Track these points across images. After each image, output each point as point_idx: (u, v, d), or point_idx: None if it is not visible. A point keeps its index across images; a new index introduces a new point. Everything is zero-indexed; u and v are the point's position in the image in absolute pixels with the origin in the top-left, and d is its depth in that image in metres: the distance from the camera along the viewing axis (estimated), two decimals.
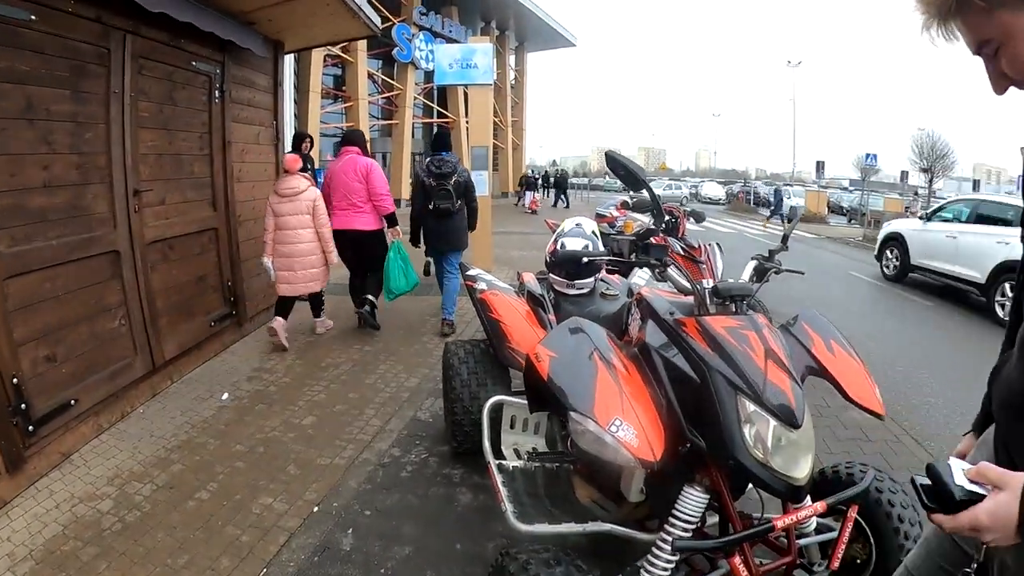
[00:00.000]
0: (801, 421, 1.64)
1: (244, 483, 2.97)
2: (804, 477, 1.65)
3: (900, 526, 2.02)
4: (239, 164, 5.08)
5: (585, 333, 1.93)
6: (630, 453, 1.60)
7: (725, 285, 1.98)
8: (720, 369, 1.69)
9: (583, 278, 2.97)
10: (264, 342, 5.02)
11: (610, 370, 1.77)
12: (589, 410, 1.66)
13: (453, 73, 8.72)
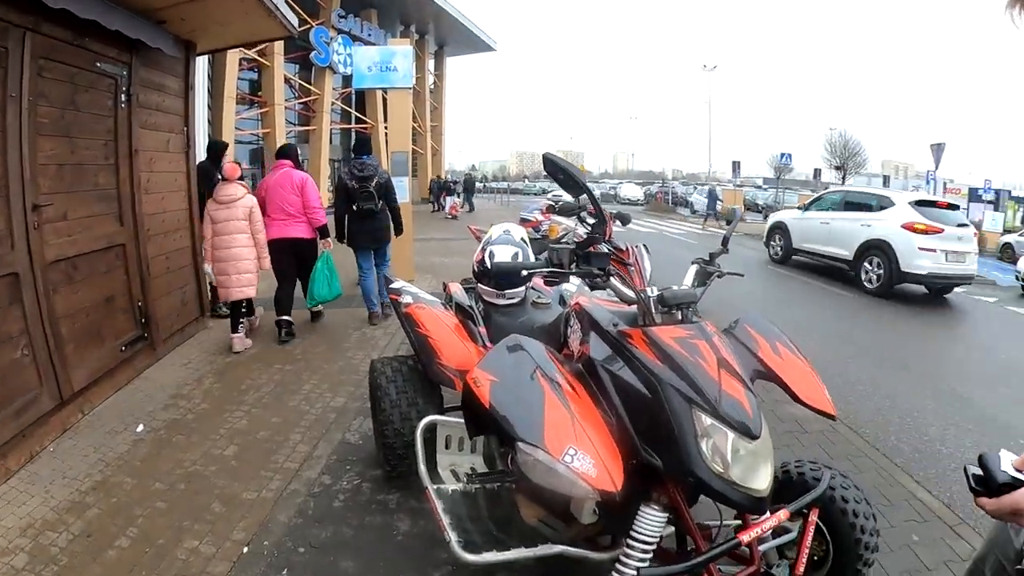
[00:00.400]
0: (759, 431, 1.62)
1: (166, 525, 2.74)
2: (765, 488, 1.63)
3: (856, 521, 2.02)
4: (147, 174, 4.74)
5: (525, 351, 1.82)
6: (588, 485, 1.52)
7: (671, 293, 1.92)
8: (672, 382, 1.64)
9: (513, 287, 2.87)
10: (180, 367, 4.73)
11: (557, 392, 1.67)
12: (539, 439, 1.56)
13: (372, 76, 8.49)
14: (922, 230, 9.39)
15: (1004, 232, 20.67)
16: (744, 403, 1.63)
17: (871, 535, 2.04)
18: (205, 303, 5.71)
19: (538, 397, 1.64)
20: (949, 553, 2.92)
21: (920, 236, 9.38)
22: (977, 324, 9.23)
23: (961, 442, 4.38)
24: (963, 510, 3.42)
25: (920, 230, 9.37)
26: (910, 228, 9.44)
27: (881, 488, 3.49)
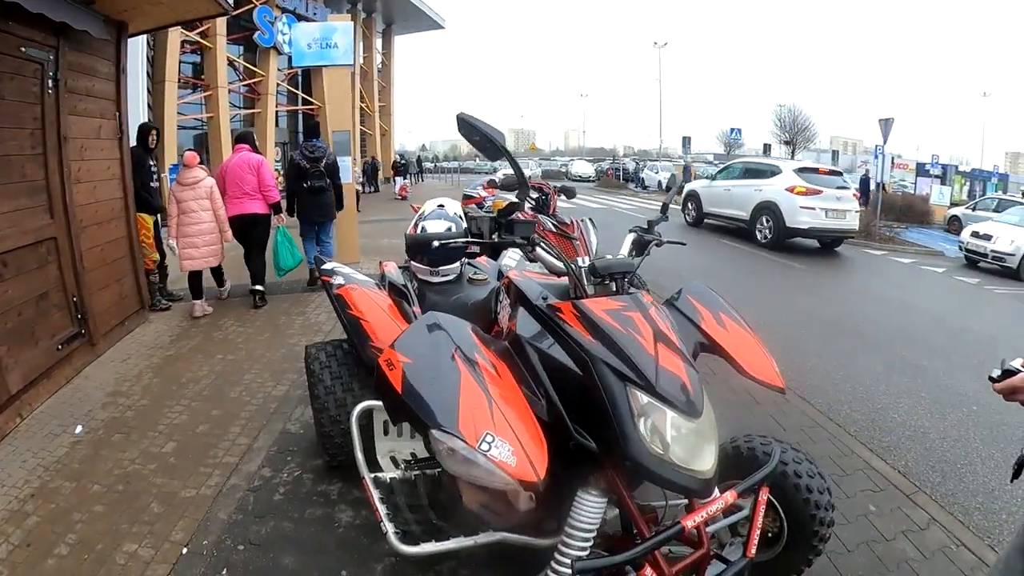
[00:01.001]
0: (701, 408, 1.54)
1: (105, 530, 2.64)
2: (709, 468, 1.54)
3: (809, 496, 1.95)
4: (78, 162, 4.53)
5: (443, 330, 1.66)
6: (507, 474, 1.38)
7: (603, 262, 1.82)
8: (605, 359, 1.53)
9: (447, 263, 2.75)
10: (119, 362, 4.57)
11: (475, 373, 1.52)
12: (453, 426, 1.40)
13: (312, 54, 8.23)
14: (802, 192, 11.19)
15: (951, 205, 21.31)
16: (684, 379, 1.54)
17: (826, 510, 1.98)
18: (144, 295, 5.53)
19: (454, 380, 1.49)
20: (906, 522, 2.93)
21: (801, 197, 11.19)
22: (926, 294, 9.54)
23: (914, 410, 4.46)
24: (919, 478, 3.47)
25: (801, 192, 11.17)
26: (792, 191, 11.25)
27: (836, 459, 3.49)
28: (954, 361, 5.68)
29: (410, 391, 1.50)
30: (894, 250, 14.16)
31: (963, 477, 3.57)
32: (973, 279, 11.02)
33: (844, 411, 4.33)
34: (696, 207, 14.37)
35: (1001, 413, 4.43)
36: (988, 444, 4.00)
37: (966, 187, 25.14)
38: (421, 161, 39.90)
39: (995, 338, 6.78)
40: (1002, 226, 12.50)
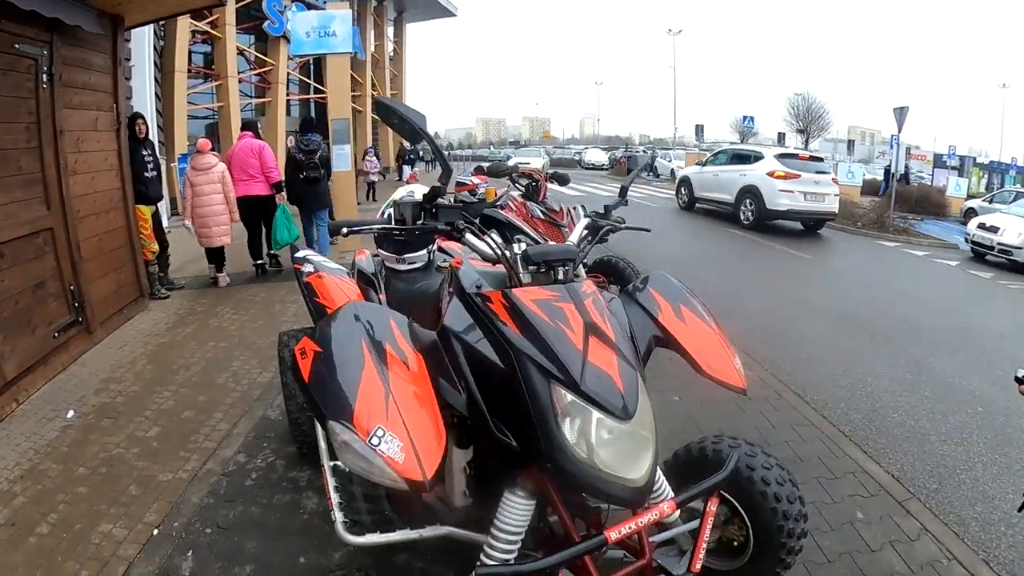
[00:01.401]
0: (633, 409, 1.41)
1: (85, 511, 2.73)
2: (642, 476, 1.42)
3: (777, 506, 1.82)
4: (75, 154, 4.62)
5: (360, 321, 1.57)
6: (394, 471, 1.30)
7: (539, 249, 1.70)
8: (529, 353, 1.43)
9: (412, 251, 2.69)
10: (116, 349, 4.67)
11: (379, 365, 1.44)
12: (348, 418, 1.34)
13: (310, 42, 8.20)
14: (782, 176, 11.94)
15: (968, 198, 20.92)
16: (614, 376, 1.42)
17: (795, 520, 1.85)
18: (144, 284, 5.63)
19: (356, 372, 1.41)
20: (895, 532, 2.79)
21: (780, 181, 11.93)
22: (938, 287, 9.38)
23: (916, 410, 4.29)
24: (913, 484, 3.30)
25: (780, 176, 11.94)
26: (772, 175, 12.02)
27: (826, 460, 3.37)
28: (962, 359, 5.53)
29: (315, 381, 1.45)
30: (908, 242, 13.97)
31: (962, 484, 3.39)
32: (987, 273, 10.80)
33: (841, 409, 4.19)
34: (688, 192, 15.28)
35: (1008, 415, 4.29)
36: (992, 448, 3.82)
37: (984, 179, 24.66)
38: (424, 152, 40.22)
39: (1006, 336, 6.61)
40: (1010, 218, 12.20)
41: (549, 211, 4.83)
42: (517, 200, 4.92)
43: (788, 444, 3.53)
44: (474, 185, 5.83)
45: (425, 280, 2.64)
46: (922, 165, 25.42)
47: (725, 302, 6.82)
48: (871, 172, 25.93)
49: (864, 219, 15.44)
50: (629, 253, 7.74)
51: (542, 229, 4.56)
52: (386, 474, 1.31)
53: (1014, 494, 3.28)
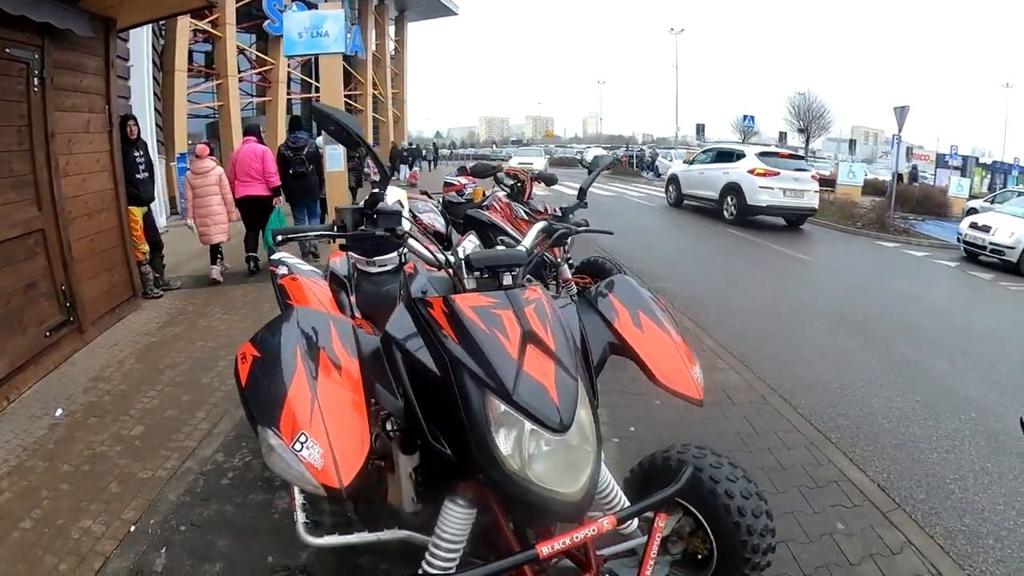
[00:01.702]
0: (569, 421, 1.37)
1: (67, 506, 2.79)
2: (578, 491, 1.39)
3: (741, 520, 1.75)
4: (66, 157, 4.67)
5: (299, 327, 1.55)
6: (313, 477, 1.30)
7: (480, 254, 1.67)
8: (464, 361, 1.41)
9: (381, 253, 2.67)
10: (106, 348, 4.73)
11: (309, 372, 1.43)
12: (276, 423, 1.34)
13: (303, 43, 8.28)
14: (761, 173, 12.63)
15: (970, 198, 20.83)
16: (550, 388, 1.39)
17: (761, 535, 1.77)
18: (136, 283, 5.69)
19: (288, 377, 1.40)
20: (877, 544, 2.71)
21: (760, 178, 12.63)
22: (936, 289, 9.32)
23: (907, 415, 4.21)
24: (899, 493, 3.21)
25: (760, 173, 12.64)
26: (753, 172, 12.71)
27: (809, 468, 3.30)
28: (958, 363, 5.44)
29: (250, 386, 1.44)
30: (908, 243, 13.93)
31: (951, 494, 3.29)
32: (987, 274, 10.74)
33: (828, 414, 4.10)
34: (676, 189, 16.13)
35: (1003, 422, 4.22)
36: (985, 457, 3.73)
37: (987, 179, 24.57)
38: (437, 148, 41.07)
39: (1005, 339, 6.51)
40: (1003, 217, 12.14)
41: (533, 212, 4.84)
42: (502, 201, 4.93)
43: (771, 451, 3.47)
44: (461, 186, 5.85)
45: (394, 283, 2.63)
46: (925, 165, 25.34)
47: (715, 305, 6.83)
48: (873, 172, 25.87)
49: (864, 219, 15.40)
50: (617, 248, 7.80)
51: (525, 230, 4.58)
52: (306, 479, 1.31)
53: (1005, 505, 3.22)
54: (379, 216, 1.74)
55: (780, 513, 2.75)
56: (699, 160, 15.70)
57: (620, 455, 3.25)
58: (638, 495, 1.85)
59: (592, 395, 1.59)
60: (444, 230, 4.81)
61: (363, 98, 26.13)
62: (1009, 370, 5.41)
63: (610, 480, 1.81)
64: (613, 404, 3.86)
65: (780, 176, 12.62)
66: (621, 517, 1.56)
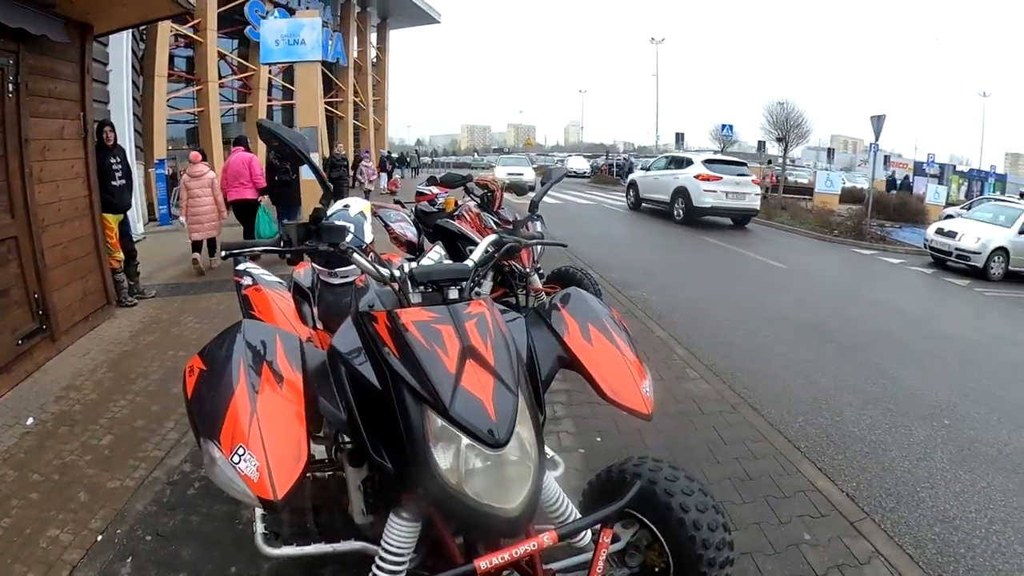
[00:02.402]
0: (506, 436, 1.38)
1: (36, 516, 2.79)
2: (516, 507, 1.40)
3: (696, 534, 1.72)
4: (40, 163, 4.63)
5: (245, 340, 1.57)
6: (249, 489, 1.32)
7: (423, 268, 1.69)
8: (403, 376, 1.43)
9: (341, 265, 2.65)
10: (79, 357, 4.70)
11: (251, 386, 1.44)
12: (216, 436, 1.37)
13: (279, 50, 8.35)
14: (705, 178, 14.25)
15: (947, 205, 21.20)
16: (487, 403, 1.40)
17: (718, 549, 1.74)
18: (110, 291, 5.65)
19: (230, 390, 1.42)
20: (844, 555, 2.68)
21: (704, 182, 14.21)
22: (911, 295, 9.46)
23: (878, 423, 4.21)
24: (869, 503, 3.21)
25: (704, 178, 14.26)
26: (699, 177, 14.33)
27: (776, 478, 3.28)
28: (931, 369, 5.49)
29: (195, 398, 1.48)
30: (884, 250, 14.19)
31: (921, 502, 3.29)
32: (962, 281, 10.97)
33: (798, 424, 4.10)
34: (635, 193, 17.77)
35: (976, 428, 4.28)
36: (956, 464, 3.75)
37: (964, 187, 25.03)
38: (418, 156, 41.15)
39: (979, 344, 6.64)
40: (969, 223, 12.46)
41: (502, 221, 4.86)
42: (472, 211, 4.95)
43: (738, 461, 3.46)
44: (434, 195, 5.87)
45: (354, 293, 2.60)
46: (902, 172, 25.70)
47: (687, 313, 6.88)
48: (852, 180, 26.21)
49: (841, 227, 15.64)
50: (593, 252, 7.81)
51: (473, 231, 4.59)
52: (243, 491, 1.33)
53: (976, 513, 3.25)
54: (323, 231, 1.73)
55: (746, 524, 2.83)
56: (655, 167, 17.52)
57: (585, 465, 3.27)
58: (593, 508, 1.86)
59: (538, 410, 1.62)
60: (416, 239, 4.82)
61: (344, 105, 26.13)
62: (982, 377, 5.49)
63: (559, 494, 1.83)
64: (580, 415, 3.88)
65: (723, 180, 14.26)
66: (563, 533, 1.58)
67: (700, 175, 14.38)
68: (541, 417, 1.62)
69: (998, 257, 11.41)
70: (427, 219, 5.50)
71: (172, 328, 5.45)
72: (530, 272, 4.52)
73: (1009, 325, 8.12)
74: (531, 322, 1.88)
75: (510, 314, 1.84)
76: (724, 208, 14.61)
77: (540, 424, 1.58)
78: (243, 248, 1.89)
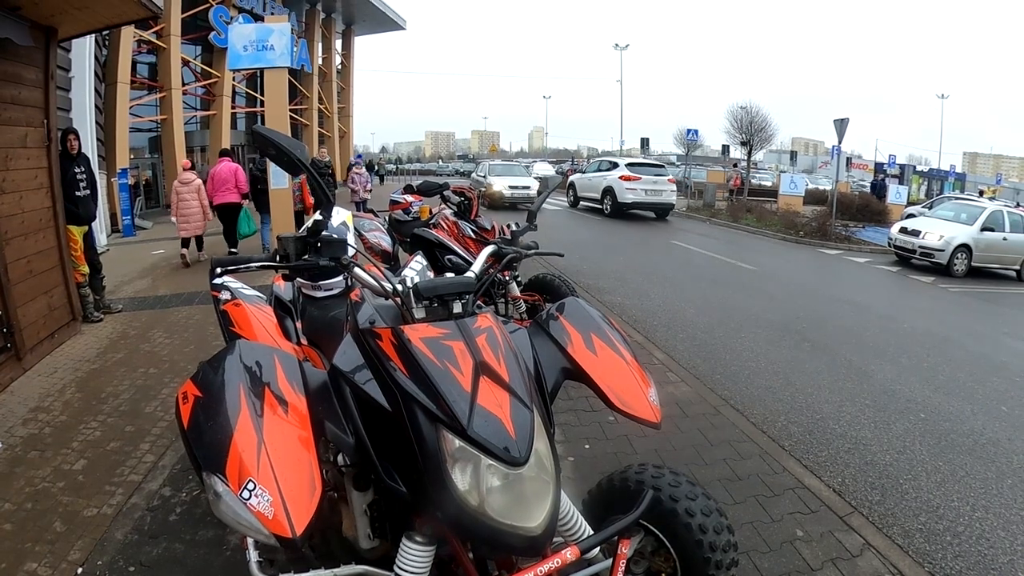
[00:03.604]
0: (526, 455, 1.34)
1: (10, 548, 2.64)
2: (539, 525, 1.36)
3: (703, 537, 1.72)
4: (3, 173, 4.46)
5: (242, 362, 1.48)
6: (264, 526, 1.24)
7: (428, 283, 1.62)
8: (416, 395, 1.37)
9: (325, 278, 2.56)
10: (46, 376, 4.52)
11: (254, 412, 1.36)
12: (221, 469, 1.27)
13: (248, 56, 8.17)
14: (627, 178, 16.99)
15: (908, 204, 21.79)
16: (506, 421, 1.35)
17: (723, 551, 1.75)
18: (76, 306, 5.45)
19: (232, 419, 1.34)
20: (837, 548, 2.74)
21: (626, 182, 16.83)
22: (879, 293, 9.64)
23: (857, 420, 4.30)
24: (855, 497, 3.27)
25: (626, 178, 17.00)
26: (621, 178, 17.05)
27: (764, 477, 3.31)
28: (904, 365, 5.61)
29: (193, 428, 1.38)
30: (849, 249, 14.47)
31: (905, 494, 3.38)
32: (927, 278, 11.24)
33: (780, 423, 4.17)
34: (573, 192, 20.51)
35: (951, 420, 4.39)
36: (935, 456, 3.86)
37: (924, 186, 25.76)
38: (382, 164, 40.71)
39: (948, 339, 6.80)
40: (932, 221, 12.84)
41: (480, 229, 4.80)
42: (449, 219, 4.88)
43: (726, 462, 3.50)
44: (408, 203, 5.78)
45: (340, 307, 2.50)
46: (864, 173, 26.38)
47: (664, 317, 6.91)
48: (814, 182, 26.79)
49: (807, 228, 15.93)
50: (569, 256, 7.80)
51: (473, 248, 4.54)
52: (256, 529, 1.25)
53: (959, 501, 3.36)
54: (323, 245, 1.67)
55: (740, 524, 2.84)
56: (589, 170, 20.56)
57: (576, 474, 3.26)
58: (598, 518, 1.83)
59: (548, 423, 1.58)
60: (391, 249, 4.74)
61: (309, 112, 25.85)
62: (953, 370, 5.66)
63: (571, 508, 1.80)
64: (566, 423, 3.86)
65: (642, 180, 16.97)
66: (584, 547, 1.54)
67: (623, 176, 17.11)
68: (552, 430, 1.59)
69: (961, 254, 11.77)
70: (401, 228, 5.42)
71: (141, 344, 5.27)
72: (509, 280, 4.48)
73: (975, 320, 8.36)
74: (532, 333, 1.86)
75: (511, 326, 1.81)
76: (645, 203, 17.19)
77: (552, 437, 1.55)
78: (235, 264, 1.77)
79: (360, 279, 1.67)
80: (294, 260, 1.70)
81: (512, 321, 1.93)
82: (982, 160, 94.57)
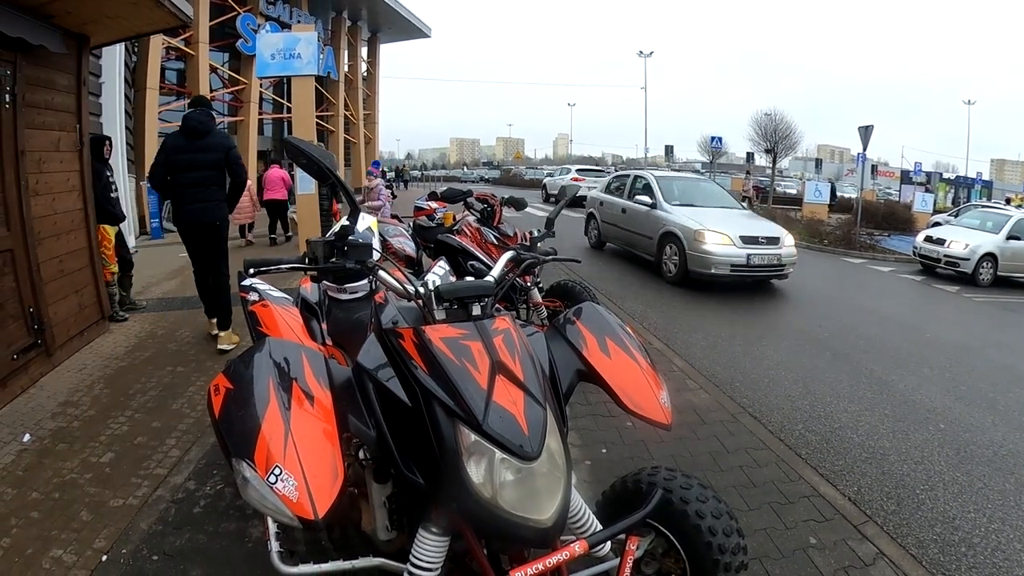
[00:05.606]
0: (538, 450, 1.41)
1: (37, 535, 2.73)
2: (549, 517, 1.42)
3: (712, 539, 1.75)
4: (36, 175, 4.59)
5: (272, 358, 1.57)
6: (288, 509, 1.32)
7: (450, 285, 1.70)
8: (435, 392, 1.44)
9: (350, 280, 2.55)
10: (75, 372, 4.64)
11: (283, 404, 1.45)
12: (250, 455, 1.36)
13: (275, 64, 8.27)
14: (575, 180, 22.43)
15: (934, 212, 21.45)
16: (519, 417, 1.42)
17: (732, 553, 1.78)
18: (105, 305, 5.59)
19: (261, 409, 1.43)
20: (850, 557, 2.73)
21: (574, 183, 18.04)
22: (903, 303, 9.51)
23: (876, 429, 4.27)
24: (870, 506, 3.26)
25: (575, 180, 22.21)
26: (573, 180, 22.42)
27: (780, 484, 3.33)
28: (925, 375, 5.56)
29: (223, 418, 1.47)
30: (874, 258, 14.27)
31: (921, 504, 3.37)
32: (952, 287, 11.05)
33: (798, 431, 4.16)
34: (545, 192, 27.85)
35: (971, 431, 4.33)
36: (954, 467, 3.83)
37: (951, 194, 25.35)
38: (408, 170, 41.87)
39: (971, 349, 6.71)
40: (957, 230, 12.60)
41: (503, 236, 4.86)
42: (472, 225, 4.95)
43: (742, 469, 3.50)
44: (432, 209, 5.86)
45: (365, 310, 2.60)
46: (890, 181, 26.04)
47: (684, 324, 6.88)
48: (840, 189, 26.48)
49: (831, 236, 15.75)
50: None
51: (495, 254, 4.60)
52: (281, 511, 1.33)
53: (976, 513, 3.33)
54: (350, 249, 1.75)
55: (753, 530, 2.85)
56: (558, 175, 29.28)
57: (592, 476, 3.29)
58: (610, 518, 1.87)
59: (562, 422, 1.63)
60: (415, 254, 4.81)
61: (335, 119, 26.15)
62: (975, 380, 5.58)
63: (582, 504, 1.84)
64: (585, 427, 3.89)
65: (585, 182, 20.14)
66: (593, 541, 1.60)
67: (573, 179, 23.51)
68: (565, 429, 1.64)
69: (986, 263, 11.55)
70: (425, 234, 5.49)
71: (168, 343, 5.38)
72: (531, 287, 4.53)
73: (999, 330, 8.21)
74: (549, 336, 1.92)
75: (529, 329, 1.87)
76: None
77: (565, 436, 1.60)
78: (267, 265, 1.85)
79: (384, 281, 1.77)
80: (322, 263, 1.78)
81: (531, 325, 1.99)
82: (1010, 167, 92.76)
